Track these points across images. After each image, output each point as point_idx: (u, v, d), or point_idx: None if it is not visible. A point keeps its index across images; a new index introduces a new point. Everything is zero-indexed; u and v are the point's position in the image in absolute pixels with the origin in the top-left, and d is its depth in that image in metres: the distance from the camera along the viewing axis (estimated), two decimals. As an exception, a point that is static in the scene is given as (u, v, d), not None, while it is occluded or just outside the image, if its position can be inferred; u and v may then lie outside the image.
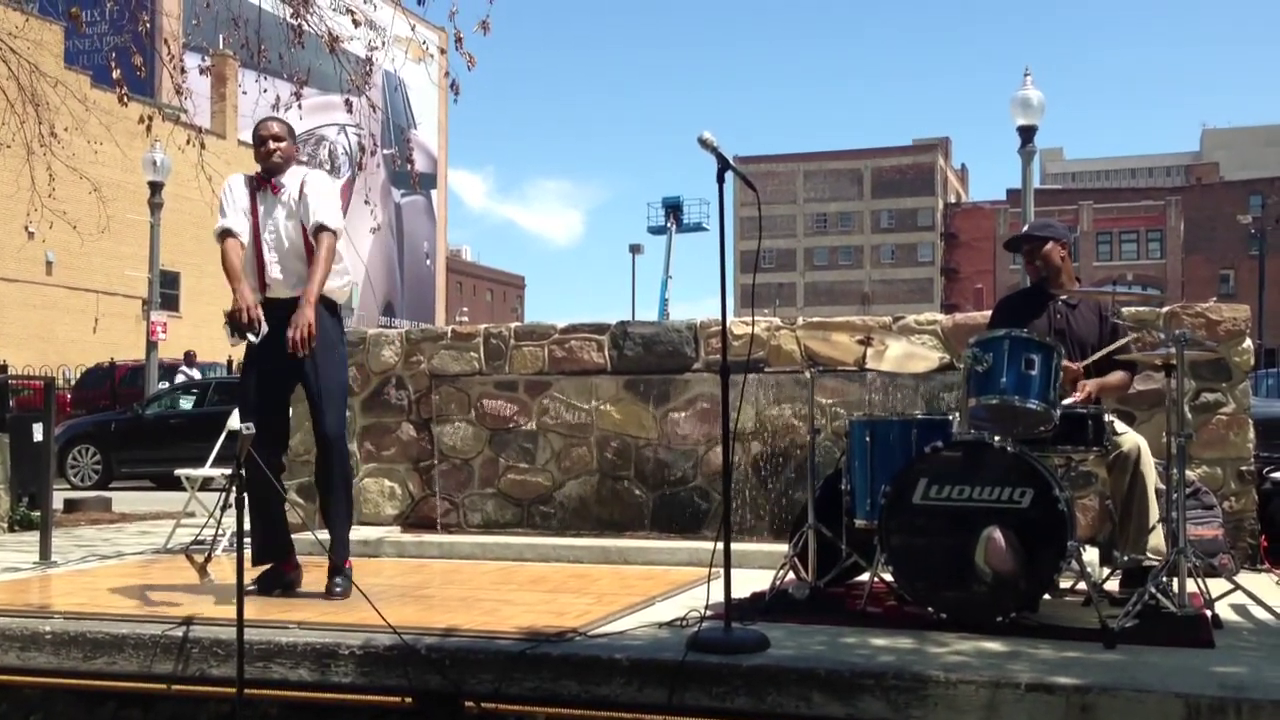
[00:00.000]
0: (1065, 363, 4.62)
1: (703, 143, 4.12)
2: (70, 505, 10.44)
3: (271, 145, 5.07)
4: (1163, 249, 72.04)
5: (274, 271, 5.05)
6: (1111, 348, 4.89)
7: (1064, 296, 5.13)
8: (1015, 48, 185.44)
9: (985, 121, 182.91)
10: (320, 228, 4.98)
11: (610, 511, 6.98)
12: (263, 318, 4.87)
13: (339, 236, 5.02)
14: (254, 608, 4.28)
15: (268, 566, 5.10)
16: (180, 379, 19.85)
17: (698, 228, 45.93)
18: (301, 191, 5.04)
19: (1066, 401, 4.60)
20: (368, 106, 9.23)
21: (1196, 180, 79.32)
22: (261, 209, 5.08)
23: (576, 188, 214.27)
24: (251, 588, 4.85)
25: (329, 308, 5.11)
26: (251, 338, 4.89)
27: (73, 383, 23.92)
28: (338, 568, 4.96)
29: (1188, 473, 4.65)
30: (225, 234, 5.02)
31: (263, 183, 5.09)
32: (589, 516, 7.00)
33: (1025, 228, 5.48)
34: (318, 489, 5.20)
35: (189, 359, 21.70)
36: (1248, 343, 6.02)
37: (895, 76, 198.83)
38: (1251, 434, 6.00)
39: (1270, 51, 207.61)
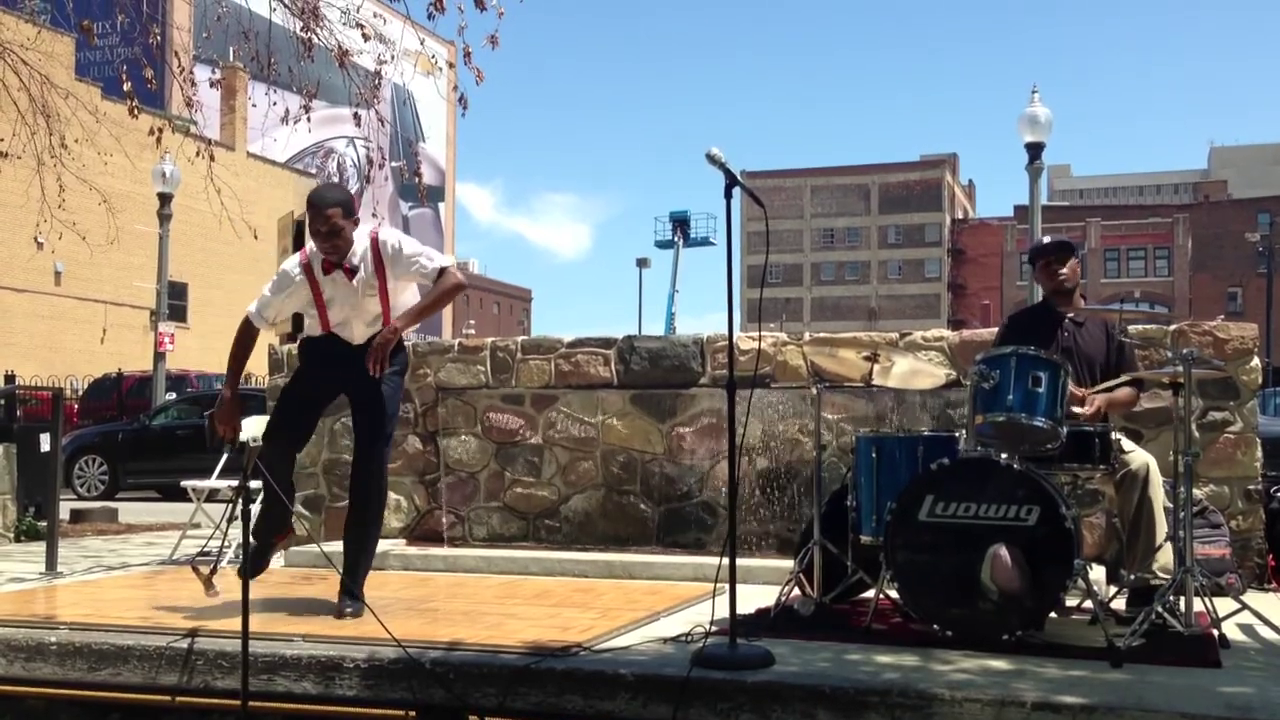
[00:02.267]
0: (1072, 389, 4.61)
1: (711, 159, 4.13)
2: (76, 516, 10.47)
3: (339, 242, 4.80)
4: (1170, 266, 71.92)
5: (340, 331, 5.00)
6: (1117, 381, 4.88)
7: (1072, 314, 5.13)
8: (1023, 65, 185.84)
9: (993, 138, 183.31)
10: (443, 271, 4.86)
11: (616, 526, 6.97)
12: (236, 437, 5.02)
13: (453, 266, 4.94)
14: (259, 620, 4.28)
15: (254, 554, 4.91)
16: None
17: (705, 242, 45.97)
18: (378, 257, 4.84)
19: (1077, 410, 4.59)
20: (376, 120, 9.26)
21: (1204, 198, 79.26)
22: (329, 290, 4.91)
23: (584, 201, 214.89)
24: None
25: (399, 345, 5.00)
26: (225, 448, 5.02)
27: (80, 393, 23.99)
28: (352, 592, 4.85)
29: (1195, 491, 4.64)
30: (247, 319, 4.99)
31: (330, 267, 4.88)
32: (594, 531, 6.99)
33: (1047, 239, 5.45)
34: (350, 510, 5.06)
35: None
36: (1255, 361, 6.00)
37: (903, 92, 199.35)
38: (1259, 453, 5.98)
39: (1279, 69, 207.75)
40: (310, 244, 4.94)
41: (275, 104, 8.84)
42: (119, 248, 16.66)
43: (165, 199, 19.83)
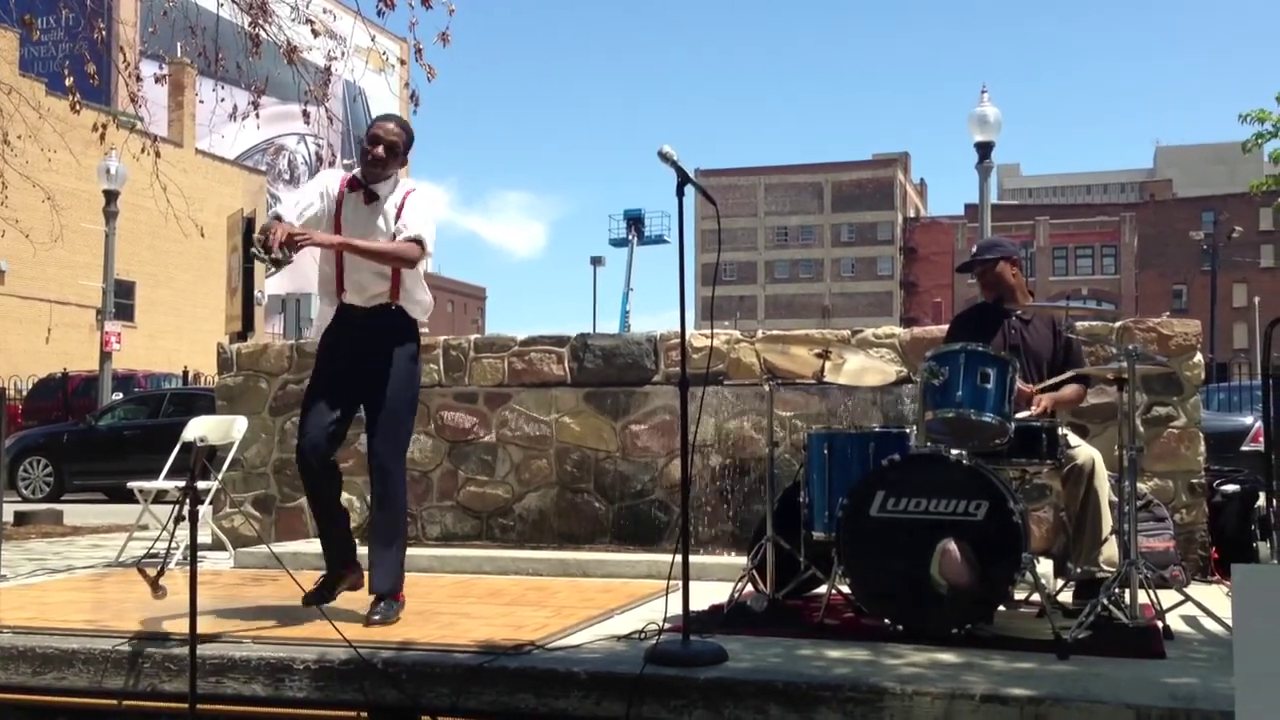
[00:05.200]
0: (1020, 386, 4.67)
1: (663, 156, 4.13)
2: (21, 518, 10.27)
3: (374, 152, 4.63)
4: (1117, 264, 73.06)
5: (350, 280, 4.74)
6: (1063, 377, 4.94)
7: (1018, 311, 5.19)
8: (973, 64, 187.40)
9: (944, 137, 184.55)
10: (415, 241, 4.59)
11: (569, 524, 6.96)
12: (285, 244, 4.41)
13: (425, 256, 4.67)
14: (208, 622, 4.23)
15: (322, 579, 4.83)
16: None
17: (659, 240, 45.99)
18: (402, 205, 4.66)
19: (1021, 416, 4.65)
20: (326, 117, 9.18)
21: (1150, 197, 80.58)
22: (347, 211, 4.70)
23: (539, 199, 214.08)
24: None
25: (411, 327, 4.81)
26: (262, 257, 4.45)
27: (24, 394, 23.57)
28: (380, 595, 4.69)
29: (1139, 485, 4.71)
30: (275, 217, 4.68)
31: (355, 185, 4.70)
32: (548, 529, 6.98)
33: (974, 249, 5.54)
34: (370, 512, 4.93)
35: None
36: (1199, 357, 6.11)
37: (855, 91, 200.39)
38: (1202, 447, 6.09)
39: (1223, 69, 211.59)
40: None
41: (224, 100, 8.74)
42: (64, 246, 16.39)
43: (111, 196, 19.55)
